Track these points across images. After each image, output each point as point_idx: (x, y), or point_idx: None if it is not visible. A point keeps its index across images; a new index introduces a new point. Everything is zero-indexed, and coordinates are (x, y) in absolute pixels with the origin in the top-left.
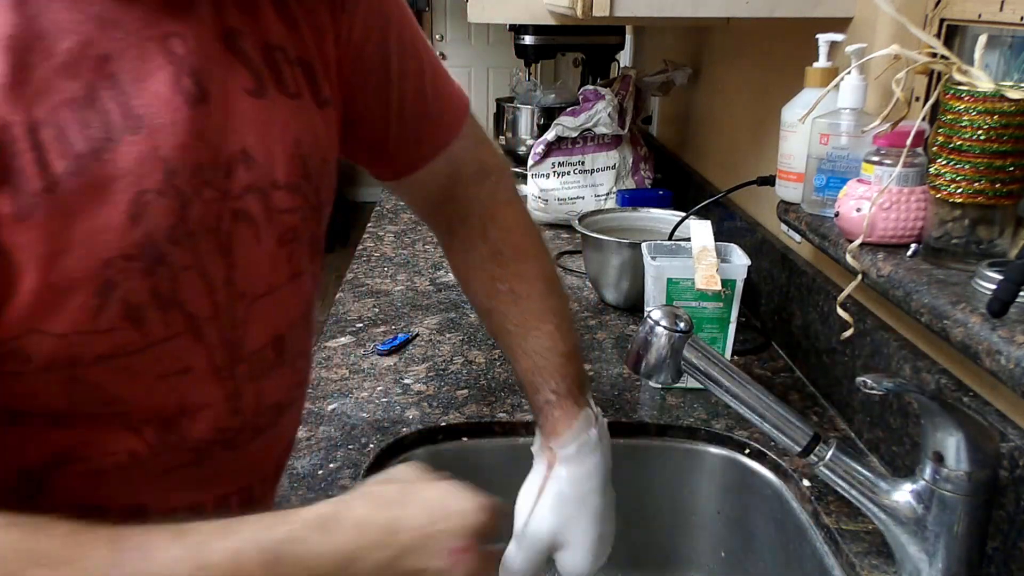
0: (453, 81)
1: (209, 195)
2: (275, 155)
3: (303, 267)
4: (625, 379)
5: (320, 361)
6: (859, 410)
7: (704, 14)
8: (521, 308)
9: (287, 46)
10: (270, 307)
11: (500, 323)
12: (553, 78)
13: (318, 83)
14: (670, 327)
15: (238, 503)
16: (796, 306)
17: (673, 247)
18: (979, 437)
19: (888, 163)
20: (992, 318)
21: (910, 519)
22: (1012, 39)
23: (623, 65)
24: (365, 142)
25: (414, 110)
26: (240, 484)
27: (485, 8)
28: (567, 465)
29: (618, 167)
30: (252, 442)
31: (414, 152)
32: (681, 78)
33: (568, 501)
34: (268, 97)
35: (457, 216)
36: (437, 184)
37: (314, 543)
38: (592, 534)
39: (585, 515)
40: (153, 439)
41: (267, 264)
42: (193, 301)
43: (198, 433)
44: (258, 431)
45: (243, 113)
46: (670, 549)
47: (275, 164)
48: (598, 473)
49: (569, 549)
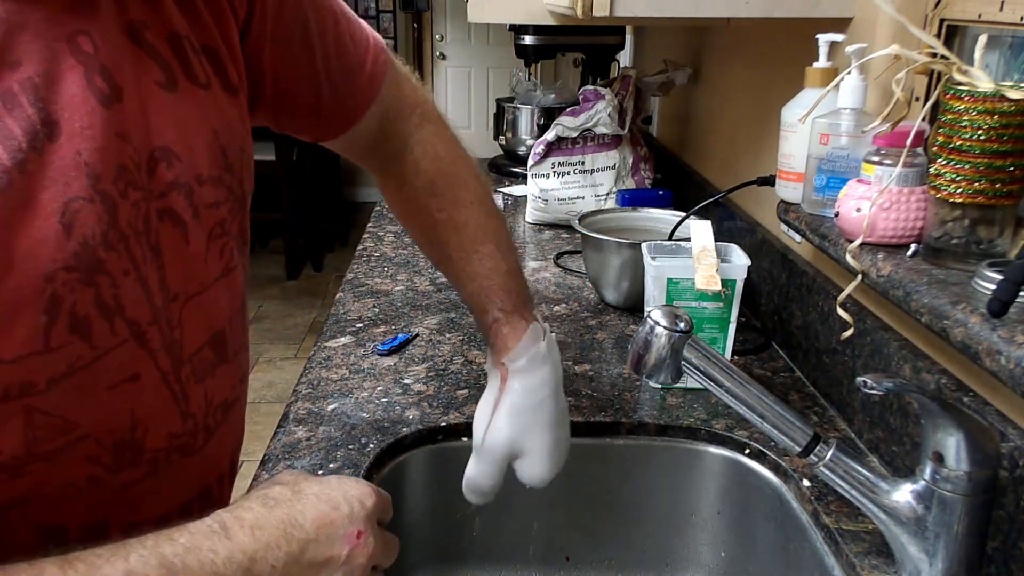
0: (365, 25)
1: (135, 196)
2: (195, 149)
3: (235, 261)
4: (625, 379)
5: (320, 361)
6: (859, 410)
7: (704, 14)
8: (461, 234)
9: (190, 34)
10: (205, 305)
11: (442, 251)
12: (553, 78)
13: (226, 70)
14: (670, 327)
15: (199, 507)
16: (796, 306)
17: (673, 247)
18: (979, 437)
19: (888, 163)
20: (992, 318)
21: (910, 519)
22: (1012, 39)
23: (623, 65)
24: (303, 108)
25: (340, 64)
26: (200, 488)
27: (485, 8)
28: (519, 377)
29: (618, 167)
30: (206, 444)
31: (349, 106)
32: (681, 78)
33: (522, 411)
34: (180, 89)
35: (389, 155)
36: (370, 130)
37: (213, 550)
38: (548, 440)
39: (540, 422)
40: (110, 460)
41: (199, 262)
42: (133, 307)
43: (152, 443)
44: (210, 432)
45: (159, 108)
46: (670, 549)
47: (196, 158)
48: (550, 381)
49: (527, 457)
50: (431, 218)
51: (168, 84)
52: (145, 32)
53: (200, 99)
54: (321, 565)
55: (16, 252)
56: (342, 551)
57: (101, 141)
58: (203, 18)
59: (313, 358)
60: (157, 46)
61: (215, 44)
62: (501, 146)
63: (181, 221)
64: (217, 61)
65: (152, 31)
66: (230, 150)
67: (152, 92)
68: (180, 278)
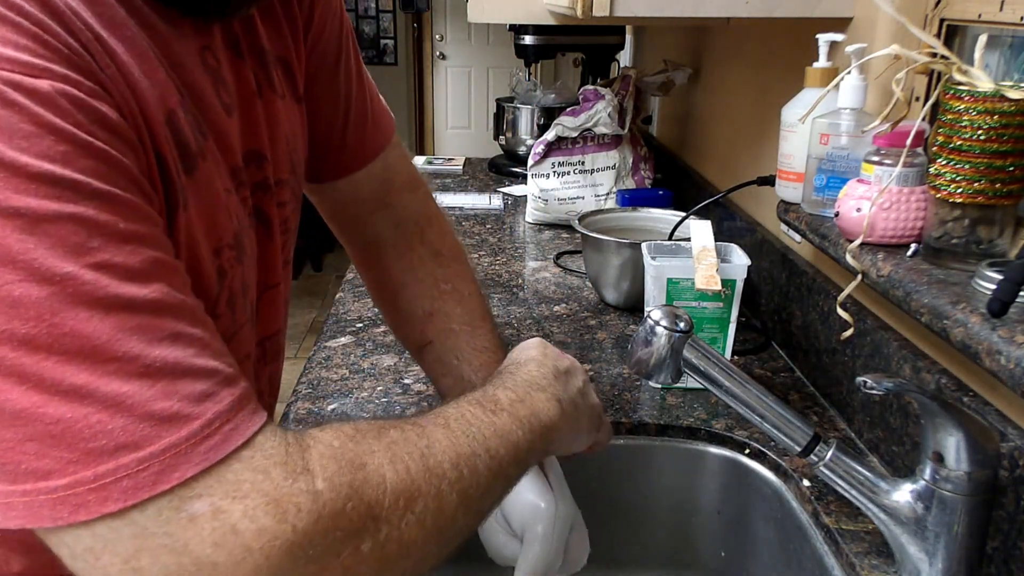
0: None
1: (244, 193)
2: (277, 154)
3: (290, 258)
4: (625, 379)
5: (320, 361)
6: (859, 410)
7: (704, 14)
8: (467, 307)
9: (271, 47)
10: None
11: (444, 324)
12: (553, 78)
13: (295, 80)
14: (670, 327)
15: None
16: (796, 306)
17: (673, 247)
18: (979, 437)
19: (888, 163)
20: (992, 318)
21: (910, 519)
22: (1012, 39)
23: (623, 65)
24: (320, 135)
25: (359, 108)
26: None
27: (485, 8)
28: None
29: (618, 167)
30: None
31: (358, 149)
32: (681, 78)
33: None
34: (264, 98)
35: (392, 222)
36: (372, 188)
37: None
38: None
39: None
40: None
41: (277, 257)
42: (250, 289)
43: None
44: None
45: (252, 115)
46: (670, 549)
47: (277, 162)
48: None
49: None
50: (436, 288)
51: (258, 93)
52: (240, 45)
53: (278, 107)
54: (566, 372)
55: (200, 224)
56: (573, 364)
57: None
58: (282, 29)
59: (313, 358)
60: (247, 58)
61: (288, 55)
62: (501, 146)
63: (267, 218)
64: (289, 72)
65: (244, 44)
66: (296, 155)
67: (248, 100)
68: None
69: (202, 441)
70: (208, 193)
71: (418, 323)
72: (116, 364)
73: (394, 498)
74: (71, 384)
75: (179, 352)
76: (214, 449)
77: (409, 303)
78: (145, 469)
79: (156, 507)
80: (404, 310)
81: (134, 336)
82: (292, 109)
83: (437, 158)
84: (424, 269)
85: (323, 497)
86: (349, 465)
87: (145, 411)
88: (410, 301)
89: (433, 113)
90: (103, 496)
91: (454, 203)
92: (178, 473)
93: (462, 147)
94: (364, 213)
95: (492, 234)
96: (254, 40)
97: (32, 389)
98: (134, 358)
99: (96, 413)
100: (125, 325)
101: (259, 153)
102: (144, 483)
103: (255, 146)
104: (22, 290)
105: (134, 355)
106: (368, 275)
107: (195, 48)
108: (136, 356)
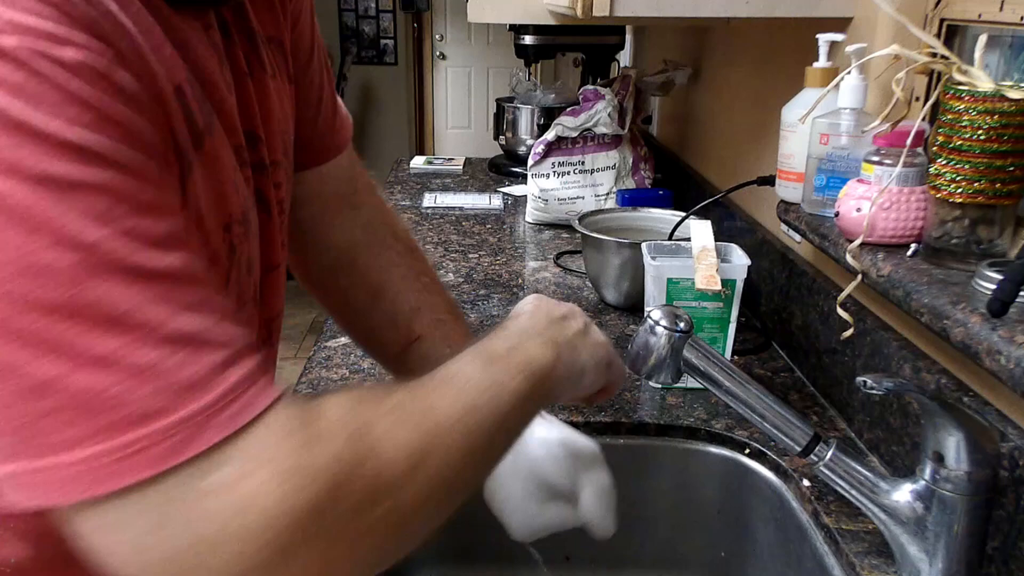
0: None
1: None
2: (271, 134)
3: (287, 240)
4: (625, 379)
5: (320, 361)
6: (859, 410)
7: (704, 14)
8: (445, 297)
9: (261, 28)
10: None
11: (433, 315)
12: (553, 78)
13: (287, 60)
14: (670, 327)
15: None
16: (796, 306)
17: (673, 247)
18: (979, 437)
19: (888, 163)
20: (992, 318)
21: (910, 519)
22: (1012, 39)
23: (623, 65)
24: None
25: (329, 98)
26: None
27: (485, 8)
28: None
29: (618, 167)
30: None
31: (329, 140)
32: (681, 78)
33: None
34: (255, 77)
35: (359, 223)
36: (337, 185)
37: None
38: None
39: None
40: None
41: (277, 237)
42: (255, 268)
43: None
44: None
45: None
46: (670, 549)
47: (272, 142)
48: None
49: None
50: (418, 281)
51: (249, 73)
52: (231, 25)
53: (269, 88)
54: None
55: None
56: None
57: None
58: (274, 9)
59: (313, 358)
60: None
61: (280, 35)
62: (501, 146)
63: (265, 198)
64: (282, 52)
65: (236, 24)
66: (287, 137)
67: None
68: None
69: (224, 408)
70: (216, 168)
71: (403, 320)
72: (141, 332)
73: (404, 461)
74: (97, 353)
75: (200, 321)
76: (236, 416)
77: (393, 302)
78: (172, 436)
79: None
80: (387, 310)
81: (158, 304)
82: (283, 89)
83: (437, 158)
84: (405, 264)
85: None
86: (358, 432)
87: (171, 380)
88: (394, 299)
89: (433, 113)
90: (130, 465)
91: (454, 203)
92: (202, 440)
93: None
94: (328, 214)
95: (492, 234)
96: (244, 22)
97: (59, 358)
98: (158, 326)
99: (122, 382)
100: (149, 293)
101: (254, 134)
102: (170, 451)
103: (250, 127)
104: (50, 256)
105: (158, 323)
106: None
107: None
108: (160, 324)
